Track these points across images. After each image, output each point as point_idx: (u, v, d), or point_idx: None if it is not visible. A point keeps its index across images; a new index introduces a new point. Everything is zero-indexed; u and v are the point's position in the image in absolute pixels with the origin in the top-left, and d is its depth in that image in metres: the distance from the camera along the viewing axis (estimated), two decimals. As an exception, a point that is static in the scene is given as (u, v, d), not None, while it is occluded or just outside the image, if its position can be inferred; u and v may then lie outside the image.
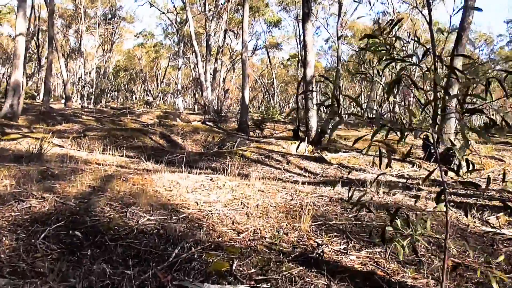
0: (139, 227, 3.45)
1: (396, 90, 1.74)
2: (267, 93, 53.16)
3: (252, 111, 36.34)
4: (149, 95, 49.62)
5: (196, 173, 6.05)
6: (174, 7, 39.40)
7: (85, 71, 41.01)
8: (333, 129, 1.81)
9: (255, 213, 4.08)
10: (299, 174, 7.92)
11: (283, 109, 48.78)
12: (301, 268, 2.83)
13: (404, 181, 6.85)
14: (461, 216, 4.44)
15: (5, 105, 15.17)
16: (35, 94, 38.37)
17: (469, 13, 8.77)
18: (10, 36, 41.57)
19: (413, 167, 8.46)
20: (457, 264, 2.35)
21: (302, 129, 13.35)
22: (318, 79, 46.78)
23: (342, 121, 1.66)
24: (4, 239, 3.03)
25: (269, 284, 2.64)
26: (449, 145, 2.14)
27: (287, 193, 5.02)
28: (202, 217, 3.84)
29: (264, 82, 52.97)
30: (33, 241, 3.04)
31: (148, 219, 3.66)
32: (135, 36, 50.65)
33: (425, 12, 20.18)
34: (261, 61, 59.01)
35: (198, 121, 19.02)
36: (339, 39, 23.60)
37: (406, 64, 1.76)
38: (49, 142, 8.25)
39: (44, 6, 30.29)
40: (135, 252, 3.04)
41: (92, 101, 36.07)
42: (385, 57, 1.72)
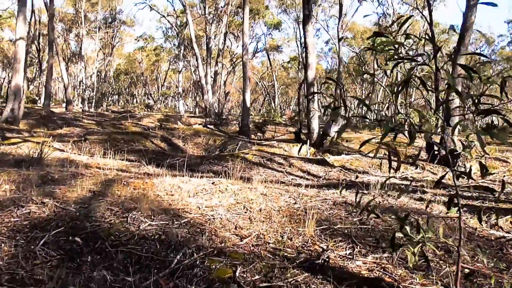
0: (140, 232, 3.38)
1: (405, 91, 1.68)
2: (267, 95, 53.20)
3: (253, 113, 36.31)
4: (150, 99, 49.66)
5: (197, 177, 5.99)
6: (174, 10, 39.51)
7: (86, 75, 41.08)
8: (340, 132, 1.75)
9: (258, 218, 4.01)
10: (301, 177, 7.85)
11: (284, 111, 48.70)
12: (307, 274, 2.76)
13: (407, 183, 6.79)
14: (468, 219, 4.38)
15: (6, 110, 15.14)
16: (36, 98, 38.37)
17: (471, 13, 8.71)
18: (10, 40, 41.67)
19: (416, 169, 8.38)
20: (470, 271, 2.28)
21: (303, 131, 13.29)
22: (323, 80, 46.84)
23: (349, 124, 1.59)
24: (3, 245, 2.97)
25: (273, 291, 2.57)
26: (452, 147, 2.08)
27: (290, 197, 4.95)
28: (204, 222, 3.78)
29: (264, 84, 53.01)
30: (32, 247, 2.97)
31: (149, 224, 3.59)
32: (136, 39, 50.83)
33: (426, 13, 20.18)
34: (262, 64, 59.13)
35: (199, 124, 18.99)
36: (340, 40, 23.58)
37: (416, 63, 1.70)
38: (49, 146, 8.21)
39: (44, 10, 30.40)
40: (136, 258, 2.97)
41: (93, 104, 36.13)
42: (394, 57, 1.66)
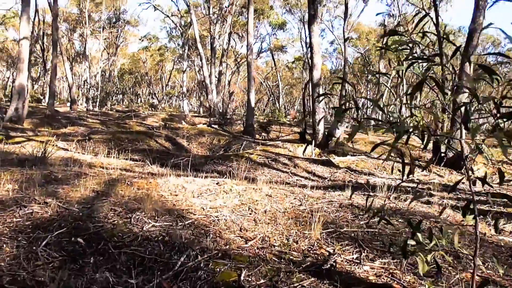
0: (143, 233, 3.33)
1: (419, 92, 1.62)
2: (272, 95, 53.12)
3: (257, 113, 36.22)
4: (154, 98, 49.69)
5: (202, 177, 5.94)
6: (178, 10, 39.51)
7: (90, 75, 41.18)
8: (352, 134, 1.69)
9: (263, 219, 3.95)
10: (306, 178, 7.79)
11: (288, 111, 48.63)
12: (313, 279, 2.70)
13: (414, 185, 6.71)
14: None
15: (10, 109, 15.16)
16: (41, 97, 38.50)
17: (480, 13, 8.61)
18: (14, 40, 41.79)
19: (423, 171, 8.29)
20: (484, 280, 2.21)
21: (309, 131, 13.23)
22: (328, 81, 46.52)
23: (362, 126, 1.54)
24: (4, 246, 2.93)
25: (279, 296, 2.51)
26: (464, 149, 2.01)
27: (295, 198, 4.89)
28: (208, 224, 3.72)
29: (269, 84, 52.93)
30: (34, 248, 2.93)
31: (153, 225, 3.54)
32: (140, 39, 50.86)
33: (432, 13, 20.05)
34: (266, 64, 59.08)
35: (203, 124, 18.94)
36: (346, 41, 23.43)
37: (431, 64, 1.63)
38: (53, 145, 8.18)
39: (48, 10, 30.45)
40: (139, 260, 2.92)
41: (97, 104, 36.17)
42: (410, 57, 1.59)
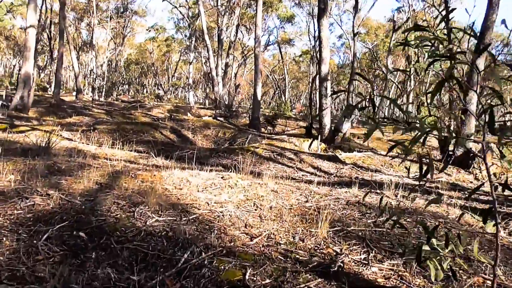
0: (147, 228, 3.27)
1: (440, 91, 1.53)
2: (278, 89, 52.91)
3: (263, 106, 36.09)
4: (160, 89, 49.62)
5: (206, 170, 5.87)
6: (186, 1, 39.29)
7: (96, 64, 41.14)
8: (368, 134, 1.60)
9: (269, 216, 3.88)
10: (312, 173, 7.70)
11: (294, 105, 48.45)
12: (320, 280, 2.62)
13: (421, 183, 6.61)
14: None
15: (15, 97, 15.14)
16: (47, 86, 38.54)
17: (493, 10, 8.43)
18: (22, 28, 41.78)
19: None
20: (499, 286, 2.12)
21: (315, 126, 13.11)
22: (335, 75, 46.13)
23: (377, 126, 1.45)
24: (4, 239, 2.86)
25: (285, 297, 2.44)
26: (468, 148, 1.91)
27: (301, 195, 4.81)
28: (213, 219, 3.65)
29: (275, 78, 52.70)
30: (35, 242, 2.86)
31: (156, 220, 3.47)
32: (147, 30, 50.73)
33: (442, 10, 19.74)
34: (273, 57, 58.84)
35: (209, 116, 18.86)
36: (355, 35, 23.15)
37: (455, 62, 1.54)
38: (58, 135, 8.13)
39: (56, -2, 30.36)
40: (142, 256, 2.86)
41: (103, 94, 36.16)
42: (434, 54, 1.49)
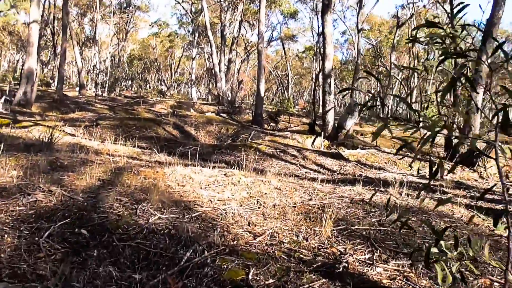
0: (149, 226, 3.24)
1: (453, 90, 1.48)
2: (281, 85, 52.78)
3: (265, 103, 36.00)
4: (163, 85, 49.56)
5: (209, 167, 5.83)
6: (189, -4, 39.13)
7: (99, 60, 41.11)
8: (376, 134, 1.56)
9: (272, 214, 3.84)
10: (315, 170, 7.66)
11: (296, 101, 48.33)
12: (324, 280, 2.59)
13: (425, 181, 6.56)
14: (492, 224, 4.16)
15: (18, 92, 15.13)
16: (50, 81, 38.50)
17: (499, 7, 8.34)
18: (25, 23, 41.74)
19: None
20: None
21: (318, 123, 13.06)
22: (338, 71, 45.99)
23: (386, 126, 1.41)
24: (6, 236, 2.84)
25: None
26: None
27: (305, 192, 4.77)
28: (216, 217, 3.62)
29: (278, 74, 52.56)
30: (37, 239, 2.84)
31: (159, 217, 3.45)
32: (150, 25, 50.70)
33: (447, 6, 19.62)
34: (276, 53, 58.70)
35: (212, 112, 18.82)
36: (359, 31, 22.97)
37: (467, 60, 1.49)
38: (60, 130, 8.12)
39: (60, -7, 30.32)
40: (144, 254, 2.83)
41: (106, 89, 36.12)
42: (448, 51, 1.44)
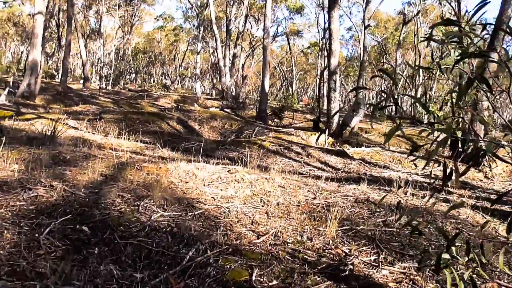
0: (151, 223, 3.19)
1: (467, 91, 1.41)
2: (285, 80, 52.59)
3: (270, 98, 35.88)
4: (167, 79, 49.48)
5: (213, 163, 5.78)
6: (195, -10, 38.97)
7: (104, 52, 41.05)
8: (389, 135, 1.49)
9: (276, 213, 3.79)
10: (319, 168, 7.60)
11: (301, 97, 48.21)
12: (329, 282, 2.53)
13: (431, 181, 6.49)
14: (497, 225, 4.10)
15: (22, 84, 15.09)
16: (55, 73, 38.51)
17: (508, 5, 8.20)
18: (30, 15, 41.68)
19: (439, 166, 8.03)
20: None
21: (322, 119, 12.98)
22: (343, 68, 45.77)
23: (399, 128, 1.35)
24: (5, 232, 2.79)
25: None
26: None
27: (309, 191, 4.71)
28: (219, 215, 3.57)
29: (283, 69, 52.36)
30: (37, 235, 2.80)
31: (161, 214, 3.40)
32: (155, 18, 50.55)
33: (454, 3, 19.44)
34: (281, 48, 58.48)
35: (216, 107, 18.75)
36: (365, 28, 22.74)
37: (486, 59, 1.43)
38: (64, 124, 8.08)
39: (65, -15, 30.23)
40: (146, 252, 2.79)
41: (110, 82, 36.07)
42: (467, 51, 1.37)
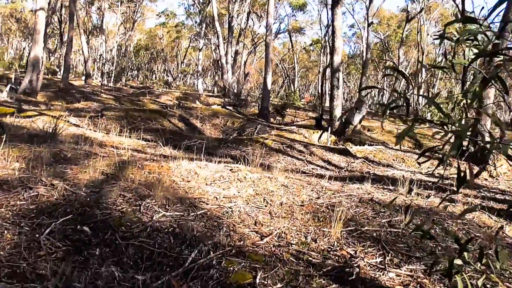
0: (153, 224, 3.15)
1: (483, 91, 1.36)
2: (287, 78, 52.46)
3: (271, 96, 35.79)
4: (169, 75, 49.40)
5: (215, 162, 5.74)
6: (197, -14, 38.86)
7: (106, 49, 40.99)
8: (402, 136, 1.43)
9: (279, 213, 3.74)
10: (322, 166, 7.54)
11: (302, 95, 48.04)
12: (335, 286, 2.48)
13: (434, 180, 6.43)
14: (504, 225, 4.05)
15: (24, 81, 15.04)
16: (57, 69, 38.45)
17: (514, 3, 8.10)
18: (32, 10, 41.60)
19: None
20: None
21: (325, 117, 12.91)
22: (345, 65, 45.59)
23: (411, 129, 1.30)
24: (6, 232, 2.75)
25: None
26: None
27: (312, 190, 4.66)
28: (221, 215, 3.53)
29: (285, 67, 52.24)
30: (37, 236, 2.75)
31: (163, 215, 3.35)
32: (157, 15, 50.43)
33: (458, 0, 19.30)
34: (283, 45, 58.33)
35: (217, 105, 18.69)
36: (369, 25, 22.57)
37: (506, 58, 1.37)
38: (65, 121, 8.04)
39: (67, -19, 30.15)
40: (147, 253, 2.74)
41: (112, 79, 36.01)
42: (485, 50, 1.32)
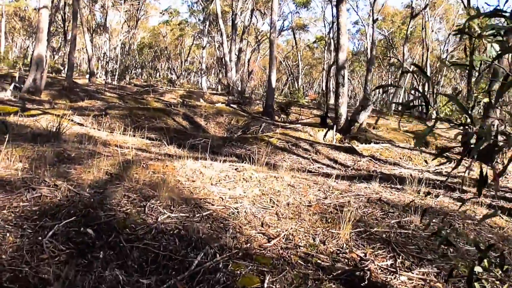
0: (158, 226, 3.08)
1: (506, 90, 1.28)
2: (291, 75, 52.30)
3: (275, 93, 35.67)
4: (173, 73, 49.36)
5: (220, 161, 5.67)
6: (200, -16, 38.73)
7: (110, 47, 40.98)
8: (419, 139, 1.35)
9: (286, 214, 3.67)
10: (328, 165, 7.45)
11: (306, 92, 47.92)
12: (345, 290, 2.42)
13: (442, 178, 6.34)
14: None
15: (28, 79, 15.01)
16: (61, 68, 38.50)
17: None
18: (35, 8, 41.61)
19: (450, 163, 7.85)
20: None
21: (330, 115, 12.80)
22: (349, 62, 45.55)
23: (431, 130, 1.22)
24: (8, 235, 2.70)
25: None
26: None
27: (319, 190, 4.59)
28: (227, 216, 3.46)
29: (288, 64, 52.07)
30: (40, 239, 2.70)
31: (168, 216, 3.29)
32: (161, 13, 50.29)
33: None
34: (287, 43, 58.12)
35: (222, 103, 18.61)
36: (374, 22, 22.40)
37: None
38: (69, 120, 7.99)
39: (70, -21, 30.12)
40: (152, 256, 2.68)
41: (116, 77, 35.99)
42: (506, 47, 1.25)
